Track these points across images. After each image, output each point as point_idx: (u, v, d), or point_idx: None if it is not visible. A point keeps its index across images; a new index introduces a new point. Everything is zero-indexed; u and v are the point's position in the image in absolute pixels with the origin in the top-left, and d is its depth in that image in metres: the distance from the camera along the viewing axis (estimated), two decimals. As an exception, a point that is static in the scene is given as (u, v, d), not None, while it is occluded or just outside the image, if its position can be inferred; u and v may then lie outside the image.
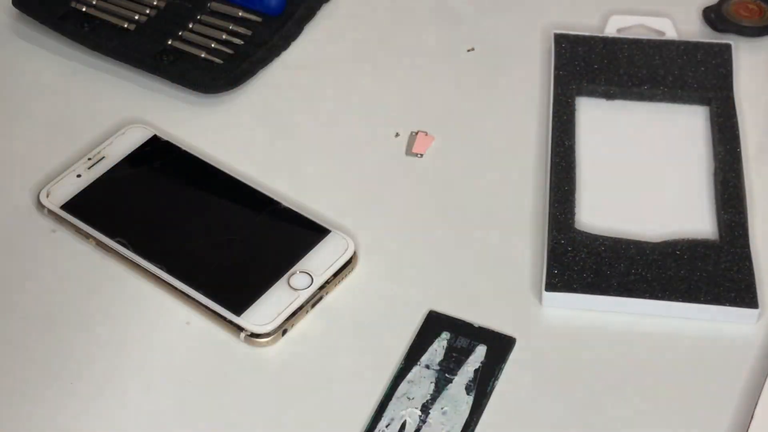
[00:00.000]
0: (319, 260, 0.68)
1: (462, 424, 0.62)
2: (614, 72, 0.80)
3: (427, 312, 0.67)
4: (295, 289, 0.67)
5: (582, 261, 0.68)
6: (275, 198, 0.72)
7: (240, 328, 0.65)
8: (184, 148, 0.75)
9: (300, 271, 0.67)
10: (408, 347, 0.65)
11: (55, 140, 0.77)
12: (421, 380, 0.64)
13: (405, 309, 0.67)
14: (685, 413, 0.63)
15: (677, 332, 0.66)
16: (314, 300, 0.67)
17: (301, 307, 0.66)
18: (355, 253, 0.69)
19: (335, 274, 0.68)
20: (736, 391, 0.63)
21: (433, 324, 0.66)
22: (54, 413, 0.63)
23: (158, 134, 0.76)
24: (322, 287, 0.67)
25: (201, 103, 0.80)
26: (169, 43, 0.82)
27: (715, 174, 0.74)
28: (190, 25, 0.84)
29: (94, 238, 0.70)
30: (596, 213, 0.72)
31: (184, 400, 0.63)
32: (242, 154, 0.77)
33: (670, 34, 0.83)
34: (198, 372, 0.65)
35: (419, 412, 0.62)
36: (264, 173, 0.75)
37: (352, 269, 0.69)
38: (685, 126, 0.78)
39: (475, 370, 0.64)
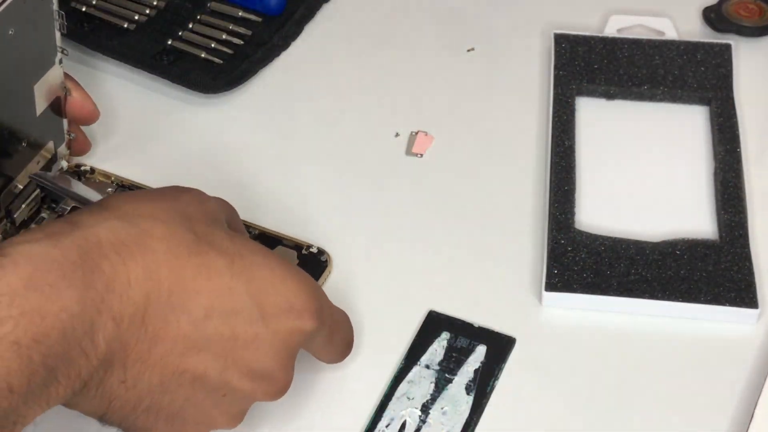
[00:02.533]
0: None
1: (462, 424, 0.62)
2: (614, 72, 0.80)
3: (427, 312, 0.67)
4: None
5: (582, 261, 0.68)
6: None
7: None
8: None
9: None
10: (408, 347, 0.65)
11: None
12: (421, 380, 0.64)
13: (405, 309, 0.67)
14: (685, 413, 0.63)
15: (677, 332, 0.66)
16: None
17: None
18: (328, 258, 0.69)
19: None
20: (736, 391, 0.63)
21: (433, 324, 0.66)
22: None
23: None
24: None
25: (201, 103, 0.80)
26: (169, 43, 0.82)
27: (715, 174, 0.74)
28: (190, 25, 0.84)
29: None
30: (596, 213, 0.72)
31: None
32: (242, 154, 0.77)
33: (670, 34, 0.83)
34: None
35: (419, 412, 0.62)
36: (263, 173, 0.75)
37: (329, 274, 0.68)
38: (685, 126, 0.78)
39: (475, 370, 0.64)
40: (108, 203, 0.55)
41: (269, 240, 0.69)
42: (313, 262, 0.68)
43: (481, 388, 0.63)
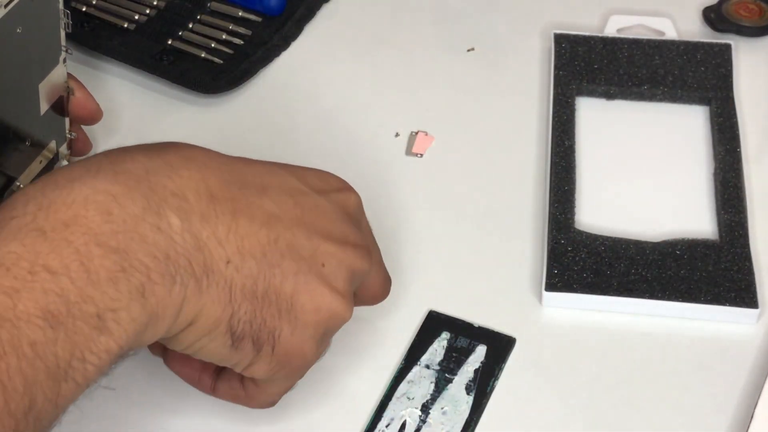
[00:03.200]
0: None
1: (462, 424, 0.62)
2: (614, 72, 0.80)
3: (427, 312, 0.67)
4: None
5: (582, 261, 0.68)
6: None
7: None
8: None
9: None
10: (408, 347, 0.65)
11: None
12: (421, 380, 0.64)
13: (405, 309, 0.67)
14: (685, 413, 0.63)
15: (677, 332, 0.66)
16: None
17: None
18: None
19: None
20: (736, 391, 0.63)
21: (433, 324, 0.66)
22: None
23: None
24: None
25: (201, 103, 0.80)
26: (169, 43, 0.82)
27: (715, 174, 0.74)
28: (190, 25, 0.84)
29: None
30: (596, 213, 0.72)
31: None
32: (242, 154, 0.76)
33: (670, 34, 0.83)
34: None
35: (419, 412, 0.62)
36: (264, 173, 0.75)
37: None
38: (685, 126, 0.78)
39: (475, 370, 0.64)
40: None
41: None
42: None
43: (481, 388, 0.63)
